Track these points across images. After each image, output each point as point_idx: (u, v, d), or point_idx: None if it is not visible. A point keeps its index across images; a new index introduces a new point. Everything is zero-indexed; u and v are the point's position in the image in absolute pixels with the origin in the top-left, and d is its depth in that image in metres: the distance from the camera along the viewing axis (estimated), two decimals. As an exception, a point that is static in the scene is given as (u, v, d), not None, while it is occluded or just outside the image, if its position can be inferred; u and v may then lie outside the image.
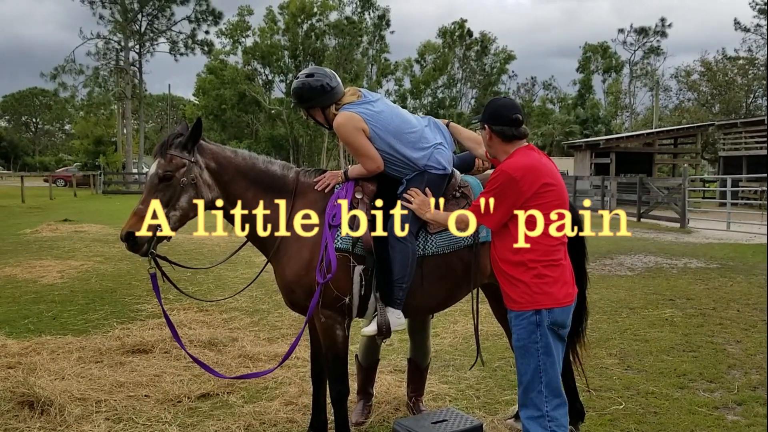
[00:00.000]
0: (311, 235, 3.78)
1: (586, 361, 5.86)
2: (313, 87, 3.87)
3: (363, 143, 3.79)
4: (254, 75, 59.49)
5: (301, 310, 3.90)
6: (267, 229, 3.87)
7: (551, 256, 3.21)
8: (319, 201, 3.88)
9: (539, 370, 3.16)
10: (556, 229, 3.21)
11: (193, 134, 3.72)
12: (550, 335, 3.17)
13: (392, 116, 3.86)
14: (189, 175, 3.67)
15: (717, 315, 7.81)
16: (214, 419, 4.57)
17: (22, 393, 4.62)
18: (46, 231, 16.52)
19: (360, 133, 3.77)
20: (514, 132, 3.30)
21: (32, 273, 10.32)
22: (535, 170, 3.22)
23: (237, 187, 3.83)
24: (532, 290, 3.17)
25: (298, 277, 3.78)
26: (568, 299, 3.23)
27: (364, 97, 3.90)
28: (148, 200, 3.59)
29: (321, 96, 3.87)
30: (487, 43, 69.33)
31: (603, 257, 12.79)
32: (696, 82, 55.36)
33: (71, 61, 49.08)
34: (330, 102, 3.90)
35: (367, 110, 3.82)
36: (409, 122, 3.90)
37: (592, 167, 35.19)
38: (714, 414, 4.72)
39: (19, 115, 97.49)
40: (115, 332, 6.72)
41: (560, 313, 3.19)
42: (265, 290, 8.91)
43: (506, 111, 3.32)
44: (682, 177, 20.20)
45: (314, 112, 3.98)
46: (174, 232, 3.70)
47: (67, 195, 36.20)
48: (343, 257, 3.73)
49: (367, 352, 4.61)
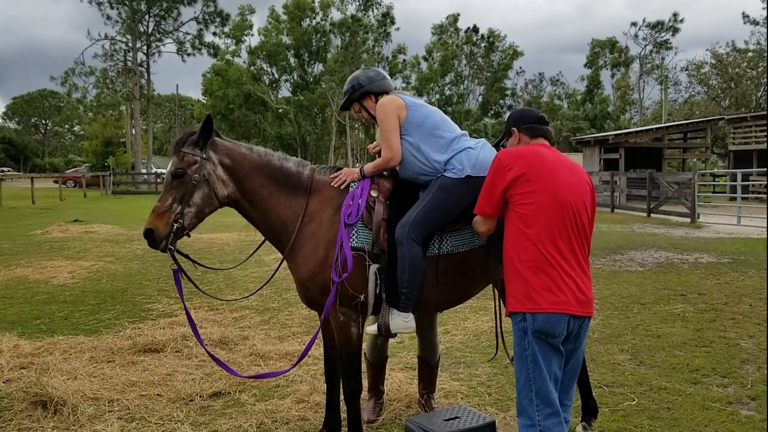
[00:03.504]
0: (326, 232, 3.79)
1: (598, 358, 5.86)
2: (367, 74, 4.01)
3: (392, 127, 3.80)
4: (260, 74, 59.65)
5: (317, 307, 3.91)
6: (282, 226, 3.88)
7: (542, 258, 3.08)
8: (334, 198, 3.88)
9: (529, 378, 3.11)
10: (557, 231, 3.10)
11: (204, 131, 3.75)
12: (537, 343, 3.06)
13: (432, 115, 3.86)
14: (201, 171, 3.71)
15: (729, 310, 7.76)
16: (227, 417, 4.58)
17: (35, 393, 4.65)
18: (57, 232, 16.63)
19: (395, 118, 3.80)
20: (541, 127, 3.45)
21: (43, 273, 10.38)
22: (526, 155, 3.18)
23: (252, 183, 3.86)
24: (520, 292, 3.10)
25: (313, 275, 3.79)
26: (557, 307, 3.06)
27: (415, 96, 4.01)
28: (165, 197, 3.68)
29: (374, 81, 3.97)
30: (495, 39, 69.14)
31: (613, 253, 12.73)
32: (706, 75, 55.04)
33: (80, 63, 49.38)
34: (381, 90, 3.97)
35: (412, 100, 3.90)
36: (446, 127, 3.85)
37: (601, 163, 35.03)
38: (728, 409, 4.69)
39: (28, 116, 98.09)
40: (127, 332, 6.74)
41: (544, 321, 3.04)
42: (275, 289, 8.92)
43: (530, 112, 3.55)
44: (692, 172, 20.07)
45: (367, 102, 4.01)
46: (192, 228, 3.76)
47: (77, 196, 36.40)
48: (359, 256, 3.73)
49: (374, 350, 4.61)
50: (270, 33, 59.43)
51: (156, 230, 3.61)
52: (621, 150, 33.46)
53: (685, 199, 20.45)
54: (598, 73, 69.31)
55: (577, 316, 3.13)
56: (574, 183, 3.21)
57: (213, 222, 18.04)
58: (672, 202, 21.97)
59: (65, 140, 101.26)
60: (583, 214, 3.21)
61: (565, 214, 3.12)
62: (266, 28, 60.15)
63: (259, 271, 10.30)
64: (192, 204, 3.70)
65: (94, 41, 49.28)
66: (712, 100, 54.63)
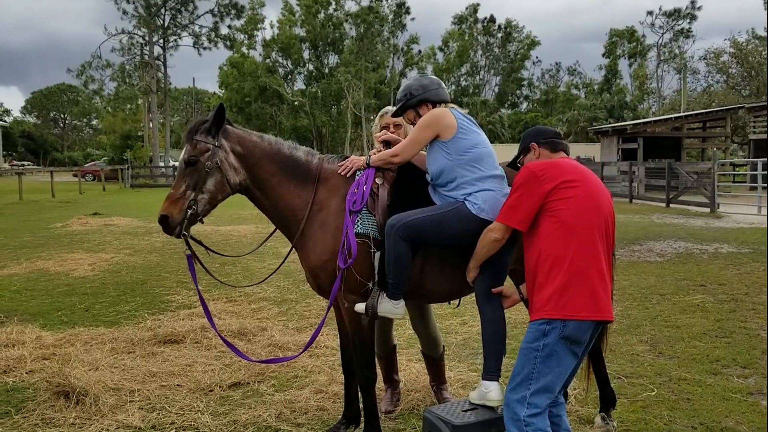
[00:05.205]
0: (334, 220, 3.82)
1: (617, 348, 5.83)
2: (422, 82, 3.90)
3: (422, 140, 3.73)
4: (275, 67, 59.76)
5: (328, 295, 3.93)
6: (291, 214, 3.92)
7: (583, 262, 3.07)
8: (341, 187, 3.91)
9: (530, 376, 3.10)
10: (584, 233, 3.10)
11: (216, 119, 3.80)
12: (559, 347, 3.04)
13: (478, 146, 3.72)
14: (213, 159, 3.76)
15: (750, 300, 7.68)
16: (246, 408, 4.62)
17: (57, 383, 4.71)
18: (77, 225, 16.81)
19: (433, 134, 3.70)
20: (562, 142, 3.46)
21: (64, 266, 10.50)
22: (558, 166, 3.20)
23: (263, 171, 3.90)
24: (551, 298, 3.07)
25: (323, 262, 3.83)
26: (594, 314, 3.05)
27: (471, 118, 3.88)
28: (179, 185, 3.73)
29: (429, 90, 3.85)
30: (512, 30, 68.73)
31: (632, 243, 12.64)
32: (726, 64, 54.31)
33: (97, 56, 49.74)
34: (439, 99, 3.86)
35: (465, 123, 3.75)
36: (487, 164, 3.72)
37: (619, 153, 34.79)
38: (748, 400, 4.65)
39: (47, 111, 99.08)
40: (147, 323, 6.81)
41: (576, 328, 3.03)
42: (293, 280, 8.96)
43: (548, 129, 3.57)
44: (712, 161, 19.86)
45: (423, 110, 3.87)
46: (205, 214, 3.82)
47: (96, 189, 36.76)
48: (364, 242, 3.75)
49: (379, 341, 4.58)
50: (284, 25, 59.50)
51: (170, 216, 3.67)
52: (639, 140, 33.19)
53: (705, 189, 20.24)
54: (616, 62, 68.69)
55: (600, 321, 3.15)
56: (603, 190, 3.27)
57: (230, 214, 18.22)
58: (691, 192, 21.76)
59: (84, 134, 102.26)
60: (610, 221, 3.26)
61: (601, 219, 3.17)
62: (280, 20, 60.23)
63: (276, 262, 10.33)
64: (205, 191, 3.75)
65: (110, 35, 49.61)
66: (731, 89, 53.91)
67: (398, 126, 4.32)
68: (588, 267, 3.07)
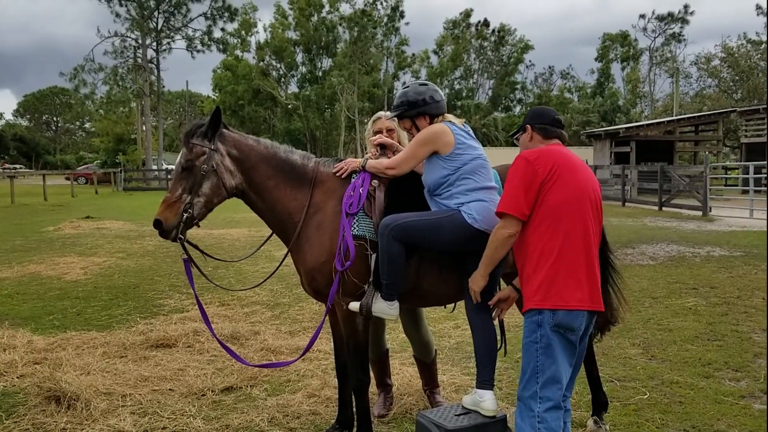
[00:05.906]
0: (331, 222, 3.82)
1: (609, 352, 5.84)
2: (421, 93, 3.81)
3: (419, 155, 3.72)
4: (269, 70, 59.73)
5: (324, 298, 3.92)
6: (288, 217, 3.92)
7: (572, 252, 3.10)
8: (338, 190, 3.92)
9: (536, 369, 3.11)
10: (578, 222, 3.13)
11: (212, 123, 3.80)
12: (554, 336, 3.07)
13: (477, 159, 3.72)
14: (209, 162, 3.76)
15: (741, 303, 7.71)
16: (238, 412, 4.60)
17: (48, 388, 4.68)
18: (69, 228, 16.75)
19: (430, 150, 3.70)
20: (555, 130, 3.43)
21: (56, 270, 10.45)
22: (551, 153, 3.21)
23: (259, 174, 3.90)
24: (543, 288, 3.09)
25: (319, 264, 3.82)
26: (581, 304, 3.09)
27: (467, 128, 3.86)
28: (175, 188, 3.73)
29: (429, 104, 3.79)
30: (505, 34, 68.89)
31: (624, 246, 12.68)
32: (717, 68, 54.56)
33: (90, 59, 49.56)
34: (437, 113, 3.82)
35: (463, 138, 3.73)
36: (482, 175, 3.73)
37: (612, 156, 34.84)
38: (740, 403, 4.67)
39: (40, 114, 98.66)
40: (139, 327, 6.79)
41: (565, 316, 3.06)
42: (286, 284, 8.95)
43: (549, 112, 3.53)
44: (704, 164, 19.95)
45: (420, 122, 3.84)
46: (201, 218, 3.81)
47: (89, 192, 36.61)
48: (360, 245, 3.75)
49: (372, 345, 4.57)
50: (276, 29, 59.49)
51: (166, 220, 3.66)
52: (632, 143, 33.25)
53: (697, 192, 20.33)
54: (609, 66, 68.92)
55: (592, 312, 3.17)
56: (590, 180, 3.29)
57: (224, 217, 18.19)
58: (683, 196, 21.85)
59: (76, 137, 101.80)
60: (598, 210, 3.29)
61: (589, 208, 3.20)
62: (272, 24, 60.24)
63: (269, 266, 10.32)
64: (201, 194, 3.75)
65: (103, 38, 49.45)
66: (723, 92, 54.15)
67: (391, 131, 4.32)
68: (576, 257, 3.10)
